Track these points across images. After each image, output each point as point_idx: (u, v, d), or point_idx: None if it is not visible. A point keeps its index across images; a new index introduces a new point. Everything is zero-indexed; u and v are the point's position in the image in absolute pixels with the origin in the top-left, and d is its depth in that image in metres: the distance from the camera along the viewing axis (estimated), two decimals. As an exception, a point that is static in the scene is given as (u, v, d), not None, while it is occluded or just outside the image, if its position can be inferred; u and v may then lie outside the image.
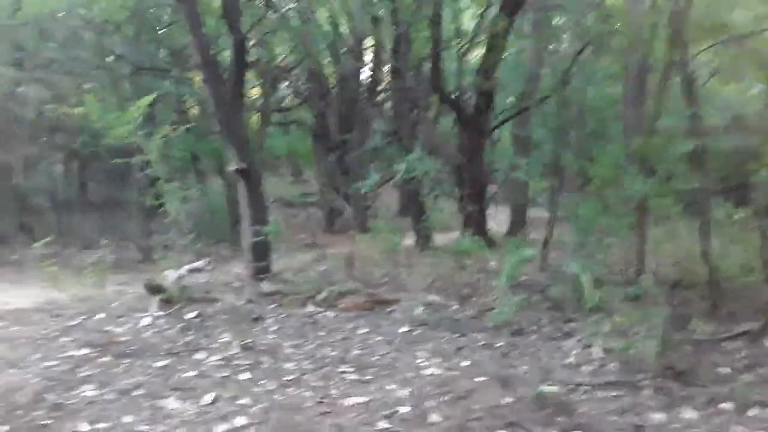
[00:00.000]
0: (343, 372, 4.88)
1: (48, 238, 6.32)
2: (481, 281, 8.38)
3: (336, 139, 13.78)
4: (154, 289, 6.64)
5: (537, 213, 15.93)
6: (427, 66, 10.99)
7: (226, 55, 13.97)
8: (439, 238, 12.50)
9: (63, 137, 14.00)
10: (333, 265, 9.45)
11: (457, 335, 6.24)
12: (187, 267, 7.58)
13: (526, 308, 6.76)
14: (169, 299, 6.66)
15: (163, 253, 10.66)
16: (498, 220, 13.92)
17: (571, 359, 5.56)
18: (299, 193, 21.50)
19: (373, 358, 5.35)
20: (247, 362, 4.96)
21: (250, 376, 4.64)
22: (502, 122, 11.83)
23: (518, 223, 13.76)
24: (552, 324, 6.77)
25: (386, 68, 14.49)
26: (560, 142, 11.24)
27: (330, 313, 6.90)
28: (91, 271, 5.68)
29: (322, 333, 6.12)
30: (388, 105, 13.70)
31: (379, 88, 13.37)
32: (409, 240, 11.59)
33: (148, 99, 6.54)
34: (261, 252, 8.35)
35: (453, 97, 10.75)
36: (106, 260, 6.67)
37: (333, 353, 5.43)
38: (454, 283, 8.36)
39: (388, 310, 7.13)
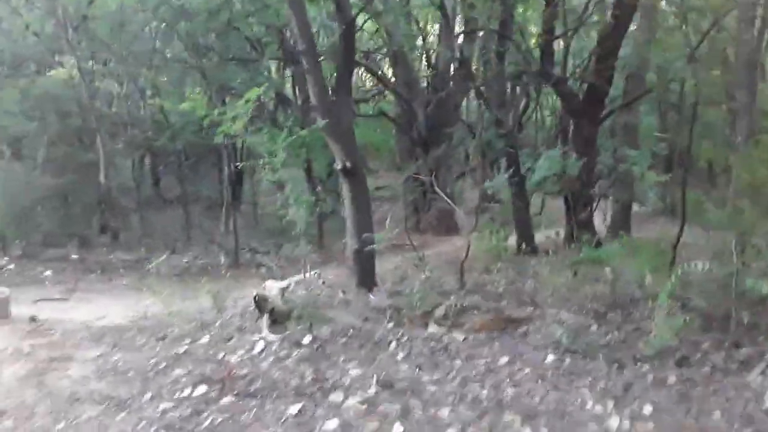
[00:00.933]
0: (511, 422, 4.04)
1: (163, 257, 5.63)
2: (614, 294, 7.44)
3: (423, 132, 12.90)
4: (265, 307, 5.92)
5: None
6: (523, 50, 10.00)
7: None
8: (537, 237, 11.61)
9: (140, 134, 13.58)
10: (438, 272, 8.62)
11: (615, 366, 5.32)
12: (294, 279, 6.89)
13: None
14: (280, 317, 5.96)
15: (259, 260, 10.16)
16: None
17: (771, 402, 4.58)
18: (373, 188, 20.76)
19: (535, 400, 4.49)
20: (393, 407, 4.17)
21: (403, 430, 3.84)
22: (614, 110, 10.74)
23: (622, 220, 12.58)
24: (718, 350, 5.76)
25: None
26: (678, 131, 10.12)
27: (457, 335, 6.05)
28: (209, 287, 4.99)
29: (458, 362, 5.29)
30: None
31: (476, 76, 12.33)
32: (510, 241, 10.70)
33: (255, 92, 5.79)
34: (367, 261, 7.59)
35: (564, 83, 9.70)
36: (224, 279, 5.93)
37: (485, 392, 4.59)
38: (583, 296, 7.42)
39: (521, 331, 6.25)
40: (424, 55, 12.93)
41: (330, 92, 7.39)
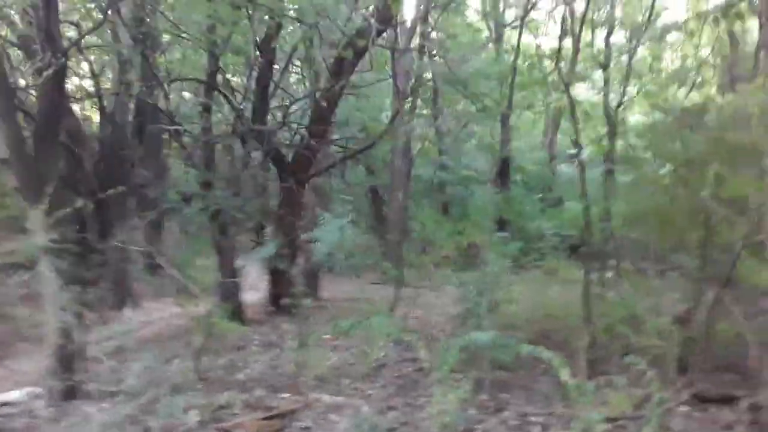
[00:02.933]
0: None
1: None
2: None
3: (95, 189, 10.95)
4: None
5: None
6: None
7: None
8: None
9: None
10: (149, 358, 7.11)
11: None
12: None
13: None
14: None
15: None
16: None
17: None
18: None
19: None
20: None
21: None
22: (323, 169, 10.68)
23: (312, 282, 12.42)
24: (492, 414, 5.87)
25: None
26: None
27: (235, 448, 4.96)
28: None
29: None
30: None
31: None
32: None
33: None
34: (71, 361, 5.86)
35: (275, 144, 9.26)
36: None
37: None
38: (326, 370, 6.92)
39: (300, 426, 5.44)
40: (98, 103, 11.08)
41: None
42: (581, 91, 16.29)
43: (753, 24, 13.16)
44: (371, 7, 8.72)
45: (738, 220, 6.73)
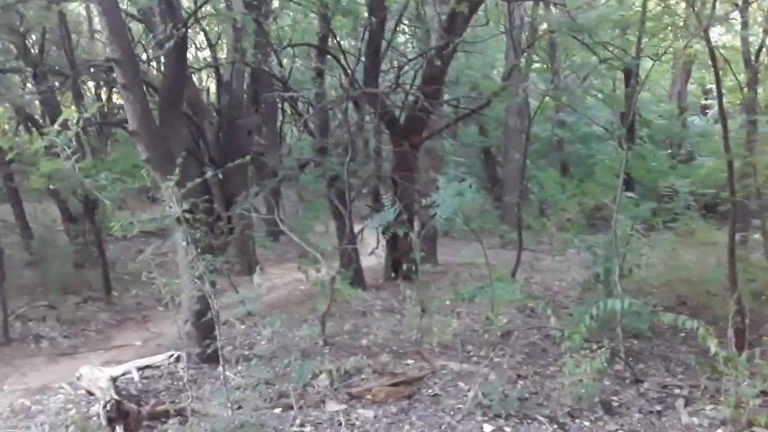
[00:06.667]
0: None
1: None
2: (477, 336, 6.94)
3: (216, 156, 11.36)
4: (120, 416, 4.20)
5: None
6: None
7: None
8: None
9: None
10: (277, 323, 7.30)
11: (555, 426, 4.74)
12: (140, 362, 5.18)
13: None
14: (134, 423, 4.30)
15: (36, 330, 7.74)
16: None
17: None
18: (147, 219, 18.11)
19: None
20: None
21: None
22: (437, 131, 10.50)
23: (429, 247, 12.34)
24: (623, 387, 5.56)
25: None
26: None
27: (366, 412, 4.97)
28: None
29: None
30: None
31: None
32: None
33: (70, 113, 4.09)
34: (209, 326, 6.06)
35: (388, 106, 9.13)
36: None
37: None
38: (451, 338, 6.78)
39: (428, 393, 5.38)
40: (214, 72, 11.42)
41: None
42: (714, 35, 14.90)
43: None
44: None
45: None
